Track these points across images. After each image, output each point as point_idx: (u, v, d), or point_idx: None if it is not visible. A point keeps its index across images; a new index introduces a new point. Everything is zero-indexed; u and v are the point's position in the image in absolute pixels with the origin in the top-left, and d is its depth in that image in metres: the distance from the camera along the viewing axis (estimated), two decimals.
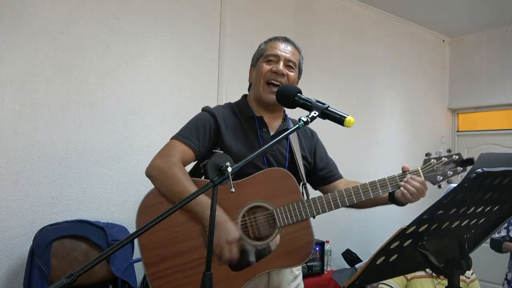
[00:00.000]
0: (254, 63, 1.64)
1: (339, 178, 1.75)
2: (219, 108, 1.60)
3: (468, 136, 5.06)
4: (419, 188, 1.46)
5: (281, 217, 1.46)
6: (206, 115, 1.55)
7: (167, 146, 1.50)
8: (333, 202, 1.50)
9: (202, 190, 1.06)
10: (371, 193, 1.50)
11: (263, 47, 1.62)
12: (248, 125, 1.57)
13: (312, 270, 3.12)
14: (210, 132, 1.51)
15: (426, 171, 1.52)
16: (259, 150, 1.16)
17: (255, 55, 1.65)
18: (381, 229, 4.06)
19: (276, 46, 1.60)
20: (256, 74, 1.59)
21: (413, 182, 1.46)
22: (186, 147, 1.47)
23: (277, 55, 1.57)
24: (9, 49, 2.33)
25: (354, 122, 1.26)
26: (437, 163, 1.52)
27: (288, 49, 1.60)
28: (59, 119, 2.48)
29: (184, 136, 1.49)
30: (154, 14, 2.88)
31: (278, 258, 1.45)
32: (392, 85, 4.46)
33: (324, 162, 1.74)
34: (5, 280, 2.29)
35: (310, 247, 1.48)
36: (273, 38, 1.65)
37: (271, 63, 1.57)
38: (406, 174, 1.50)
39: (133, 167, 2.70)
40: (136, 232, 0.97)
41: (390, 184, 1.50)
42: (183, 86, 2.97)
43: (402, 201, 1.51)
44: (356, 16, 4.13)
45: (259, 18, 3.42)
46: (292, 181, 1.51)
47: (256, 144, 1.54)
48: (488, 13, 4.33)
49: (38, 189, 2.40)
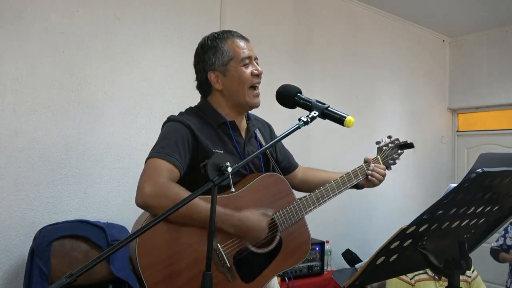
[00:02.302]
0: (218, 68, 1.48)
1: (297, 167, 1.81)
2: (188, 117, 1.47)
3: (468, 136, 5.06)
4: (383, 174, 1.69)
5: (282, 221, 1.48)
6: (180, 127, 1.43)
7: (151, 167, 1.34)
8: (322, 197, 1.57)
9: (202, 190, 1.06)
10: (348, 184, 1.64)
11: (226, 49, 1.47)
12: (221, 131, 1.51)
13: (312, 270, 3.12)
14: (189, 146, 1.41)
15: (383, 158, 1.77)
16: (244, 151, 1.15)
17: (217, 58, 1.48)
18: (381, 229, 4.06)
19: (241, 46, 1.49)
20: (235, 80, 1.47)
21: (379, 169, 1.68)
22: (171, 166, 1.34)
23: (250, 56, 1.49)
24: (9, 49, 2.33)
25: (354, 122, 1.26)
26: (388, 150, 1.78)
27: (250, 46, 1.52)
28: (59, 119, 2.48)
29: (167, 154, 1.35)
30: (154, 14, 2.88)
31: (284, 260, 1.49)
32: (392, 85, 4.46)
33: (283, 154, 1.76)
34: (5, 280, 2.29)
35: (308, 243, 1.57)
36: (229, 35, 1.51)
37: (247, 66, 1.48)
38: (370, 163, 1.69)
39: (133, 167, 2.70)
40: (136, 232, 0.97)
41: (360, 173, 1.68)
42: (183, 86, 2.96)
43: (367, 186, 1.71)
44: (356, 16, 4.13)
45: (259, 18, 3.41)
46: (285, 184, 1.55)
47: (233, 150, 1.50)
48: (488, 13, 4.33)
49: (38, 189, 2.40)
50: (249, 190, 1.46)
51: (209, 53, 1.49)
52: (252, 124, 1.62)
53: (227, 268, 1.38)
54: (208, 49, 1.50)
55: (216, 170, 1.09)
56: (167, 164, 1.34)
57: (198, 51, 1.54)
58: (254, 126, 1.62)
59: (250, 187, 1.47)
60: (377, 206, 4.17)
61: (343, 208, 3.78)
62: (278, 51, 3.47)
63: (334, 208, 3.56)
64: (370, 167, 1.67)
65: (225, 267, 1.38)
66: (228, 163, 1.09)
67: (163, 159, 1.34)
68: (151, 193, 1.29)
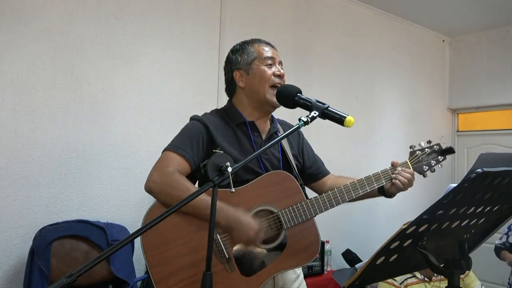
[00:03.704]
0: (243, 66, 1.57)
1: (327, 174, 1.79)
2: (209, 117, 1.57)
3: (468, 136, 5.06)
4: (410, 178, 1.56)
5: (287, 219, 1.48)
6: (198, 124, 1.52)
7: (163, 159, 1.46)
8: (334, 199, 1.53)
9: (202, 190, 1.06)
10: (367, 187, 1.56)
11: (252, 50, 1.58)
12: (240, 131, 1.56)
13: (312, 270, 3.12)
14: (203, 142, 1.49)
15: (414, 162, 1.64)
16: (256, 152, 1.16)
17: (242, 58, 1.58)
18: (381, 229, 4.06)
19: (267, 48, 1.60)
20: (257, 78, 1.55)
21: (404, 173, 1.56)
22: (181, 159, 1.44)
23: (273, 58, 1.58)
24: (9, 49, 2.33)
25: (354, 122, 1.26)
26: (422, 154, 1.66)
27: (276, 52, 1.63)
28: (59, 119, 2.48)
29: (179, 147, 1.46)
30: (154, 14, 2.88)
31: (288, 259, 1.48)
32: (392, 85, 4.46)
33: (311, 160, 1.76)
34: (5, 280, 2.29)
35: (317, 244, 1.52)
36: (257, 40, 1.63)
37: (270, 67, 1.56)
38: (397, 167, 1.59)
39: (133, 167, 2.70)
40: (136, 232, 0.97)
41: (383, 177, 1.58)
42: (183, 86, 2.97)
43: (392, 191, 1.59)
44: (356, 16, 4.14)
45: (259, 18, 3.42)
46: (294, 182, 1.53)
47: (250, 150, 1.53)
48: (488, 13, 4.33)
49: (38, 189, 2.40)
50: (252, 186, 1.47)
51: (236, 54, 1.61)
52: (274, 126, 1.65)
53: (226, 259, 1.40)
54: (236, 51, 1.62)
55: (216, 170, 1.10)
56: (177, 157, 1.44)
57: (229, 54, 1.65)
58: (275, 129, 1.64)
59: (254, 183, 1.47)
60: (377, 206, 4.17)
61: (343, 208, 3.77)
62: (278, 51, 3.46)
63: (334, 208, 3.56)
64: (396, 170, 1.57)
65: (223, 257, 1.40)
66: (228, 163, 1.09)
67: (174, 152, 1.45)
68: (156, 180, 1.40)
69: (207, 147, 1.49)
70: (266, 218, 1.48)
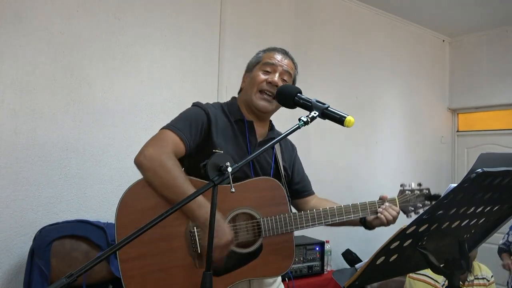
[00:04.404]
0: (249, 69, 1.62)
1: (312, 194, 1.78)
2: (210, 107, 1.57)
3: (468, 136, 5.06)
4: (395, 216, 1.60)
5: (267, 227, 1.46)
6: (199, 111, 1.52)
7: (160, 135, 1.43)
8: (318, 218, 1.53)
9: (202, 190, 1.06)
10: (352, 215, 1.58)
11: (261, 55, 1.61)
12: (237, 127, 1.56)
13: (312, 270, 3.12)
14: (202, 129, 1.48)
15: (402, 201, 1.67)
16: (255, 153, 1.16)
17: (251, 61, 1.63)
18: (381, 229, 4.06)
19: (274, 56, 1.58)
20: (250, 80, 1.58)
21: (390, 210, 1.59)
22: (178, 140, 1.42)
23: (274, 65, 1.56)
24: (9, 49, 2.33)
25: (354, 122, 1.26)
26: (411, 195, 1.69)
27: (285, 62, 1.58)
28: (59, 119, 2.48)
29: (178, 128, 1.44)
30: (154, 14, 2.88)
31: (258, 267, 1.45)
32: (392, 85, 4.46)
33: (300, 176, 1.75)
34: (5, 280, 2.29)
35: (290, 260, 1.51)
36: (272, 48, 1.63)
37: (267, 73, 1.55)
38: (384, 202, 1.61)
39: (133, 167, 2.68)
40: (136, 232, 0.97)
41: (369, 208, 1.60)
42: (183, 86, 2.97)
43: (374, 224, 1.63)
44: (356, 16, 4.14)
45: (259, 18, 3.42)
46: (282, 193, 1.52)
47: (243, 147, 1.53)
48: (488, 13, 4.33)
49: (38, 189, 2.40)
50: (241, 187, 1.45)
51: (252, 58, 1.65)
52: (272, 133, 1.65)
53: (197, 254, 1.36)
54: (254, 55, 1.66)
55: (216, 170, 1.09)
56: (175, 137, 1.42)
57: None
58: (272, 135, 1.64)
59: (243, 184, 1.46)
60: None
61: None
62: None
63: None
64: (384, 205, 1.60)
65: (195, 251, 1.36)
66: (228, 163, 1.09)
67: (173, 132, 1.43)
68: (149, 155, 1.38)
69: (204, 134, 1.48)
70: (246, 222, 1.46)
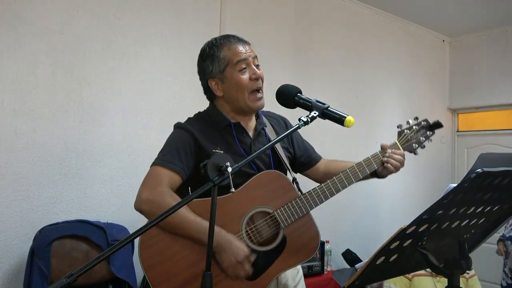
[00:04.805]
0: (216, 75, 1.50)
1: (319, 160, 1.78)
2: (193, 123, 1.54)
3: (468, 136, 5.06)
4: (401, 160, 1.56)
5: (283, 217, 1.46)
6: (183, 133, 1.48)
7: (152, 175, 1.42)
8: (328, 191, 1.51)
9: (202, 190, 1.06)
10: (360, 174, 1.54)
11: (222, 56, 1.48)
12: (226, 133, 1.53)
13: (312, 270, 3.12)
14: (191, 151, 1.45)
15: (403, 142, 1.62)
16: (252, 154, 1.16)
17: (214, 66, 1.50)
18: (381, 229, 4.06)
19: (238, 50, 1.49)
20: (233, 87, 1.49)
21: (394, 156, 1.56)
22: (171, 173, 1.41)
23: (245, 59, 1.48)
24: (9, 49, 2.33)
25: (354, 122, 1.26)
26: (411, 133, 1.64)
27: (248, 48, 1.51)
28: (59, 119, 2.48)
29: (167, 161, 1.42)
30: (154, 14, 2.88)
31: (289, 257, 1.47)
32: (392, 85, 4.46)
33: (302, 148, 1.74)
34: (5, 280, 2.29)
35: (316, 239, 1.51)
36: (225, 41, 1.51)
37: (244, 71, 1.48)
38: (387, 150, 1.58)
39: (133, 167, 2.70)
40: (136, 232, 0.97)
41: (374, 161, 1.56)
42: (183, 86, 2.96)
43: (384, 174, 1.59)
44: (356, 16, 4.13)
45: (259, 18, 3.41)
46: (285, 180, 1.52)
47: (239, 151, 1.52)
48: (488, 13, 4.33)
49: (38, 189, 2.40)
50: (245, 189, 1.45)
51: (207, 62, 1.52)
52: (260, 122, 1.61)
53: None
54: (206, 57, 1.53)
55: (216, 170, 1.09)
56: (167, 171, 1.41)
57: (199, 60, 1.57)
58: (261, 124, 1.61)
59: (246, 186, 1.46)
60: (377, 206, 4.17)
61: (343, 208, 3.78)
62: (278, 51, 3.47)
63: (334, 208, 3.56)
64: (387, 153, 1.56)
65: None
66: (228, 163, 1.09)
67: (163, 167, 1.41)
68: (146, 200, 1.39)
69: (196, 155, 1.46)
70: (264, 219, 1.47)
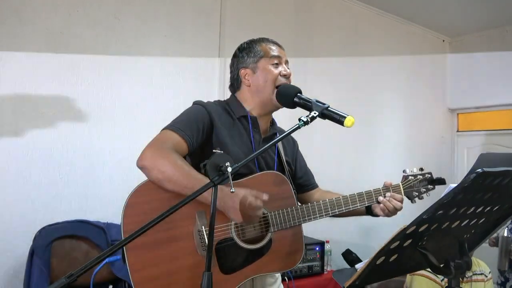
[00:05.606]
0: (249, 65, 1.56)
1: (315, 187, 1.78)
2: (212, 105, 1.55)
3: (468, 136, 5.06)
4: (398, 205, 1.57)
5: (275, 222, 1.45)
6: (201, 109, 1.50)
7: (160, 136, 1.42)
8: (324, 209, 1.52)
9: (202, 190, 1.06)
10: (358, 204, 1.55)
11: (259, 49, 1.57)
12: (240, 124, 1.55)
13: (312, 270, 3.12)
14: (204, 128, 1.45)
15: (406, 187, 1.63)
16: (258, 151, 1.16)
17: (249, 56, 1.57)
18: (381, 229, 4.06)
19: (274, 47, 1.58)
20: (262, 77, 1.53)
21: (394, 201, 1.56)
22: (180, 139, 1.40)
23: (280, 57, 1.56)
24: (9, 49, 2.33)
25: (354, 122, 1.26)
26: (414, 180, 1.65)
27: (283, 52, 1.60)
28: (59, 119, 2.48)
29: (179, 128, 1.42)
30: (154, 14, 2.88)
31: (270, 262, 1.45)
32: (392, 85, 4.46)
33: (303, 170, 1.76)
34: (5, 280, 2.29)
35: (300, 253, 1.51)
36: (264, 39, 1.62)
37: (277, 66, 1.54)
38: (389, 189, 1.59)
39: (133, 167, 2.67)
40: (136, 232, 0.97)
41: (375, 196, 1.57)
42: (183, 86, 2.97)
43: (379, 214, 1.60)
44: (356, 16, 4.13)
45: (259, 18, 3.41)
46: (289, 186, 1.52)
47: (248, 144, 1.52)
48: (488, 13, 4.32)
49: (38, 189, 2.40)
50: (248, 182, 1.44)
51: (243, 53, 1.60)
52: (274, 128, 1.65)
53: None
54: (243, 49, 1.61)
55: (216, 170, 1.09)
56: (176, 135, 1.40)
57: (236, 52, 1.64)
58: (275, 130, 1.64)
59: (250, 179, 1.46)
60: None
61: None
62: None
63: None
64: (387, 195, 1.57)
65: (205, 250, 1.34)
66: (228, 163, 1.09)
67: (173, 131, 1.41)
68: (149, 155, 1.36)
69: (207, 133, 1.46)
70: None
